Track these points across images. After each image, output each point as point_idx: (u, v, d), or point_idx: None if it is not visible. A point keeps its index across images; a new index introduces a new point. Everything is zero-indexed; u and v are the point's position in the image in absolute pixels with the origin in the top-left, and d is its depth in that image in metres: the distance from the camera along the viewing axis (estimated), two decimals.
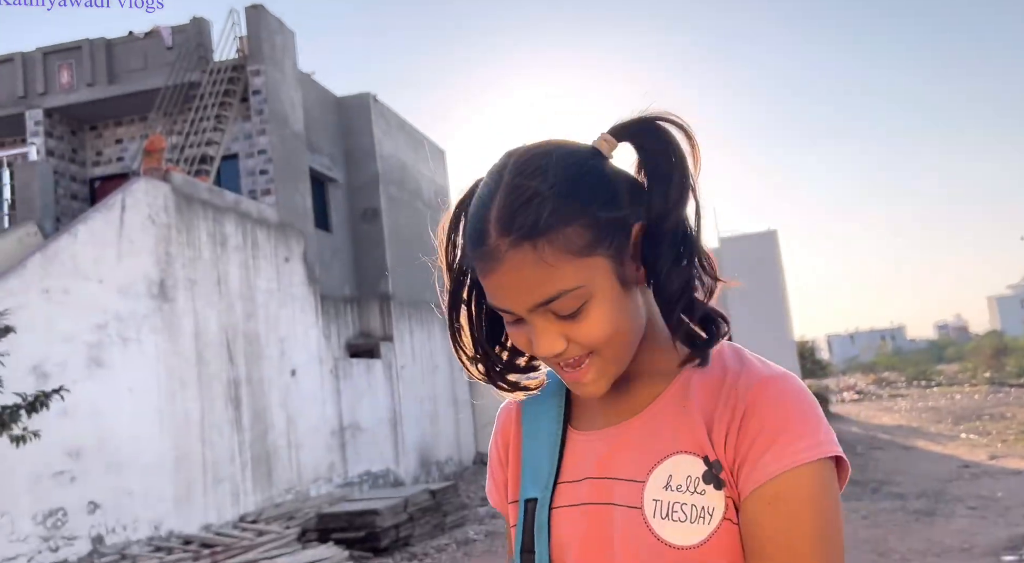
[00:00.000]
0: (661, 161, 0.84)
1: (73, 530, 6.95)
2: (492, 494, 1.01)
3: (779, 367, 0.87)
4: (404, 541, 8.51)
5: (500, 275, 0.80)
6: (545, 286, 0.79)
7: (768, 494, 0.79)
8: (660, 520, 0.82)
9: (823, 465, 0.80)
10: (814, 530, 0.78)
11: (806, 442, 0.80)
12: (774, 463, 0.79)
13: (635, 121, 0.85)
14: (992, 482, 9.04)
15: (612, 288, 0.81)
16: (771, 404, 0.81)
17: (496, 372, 0.94)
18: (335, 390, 11.45)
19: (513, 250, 0.78)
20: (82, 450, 7.16)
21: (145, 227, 8.38)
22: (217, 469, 8.80)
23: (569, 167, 0.81)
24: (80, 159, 12.63)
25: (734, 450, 0.82)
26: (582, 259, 0.79)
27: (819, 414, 0.83)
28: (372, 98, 14.32)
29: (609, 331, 0.81)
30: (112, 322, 7.72)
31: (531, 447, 0.95)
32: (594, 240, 0.80)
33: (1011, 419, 15.89)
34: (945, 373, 36.43)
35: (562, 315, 0.81)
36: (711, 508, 0.81)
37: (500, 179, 0.82)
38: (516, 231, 0.78)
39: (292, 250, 11.03)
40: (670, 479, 0.83)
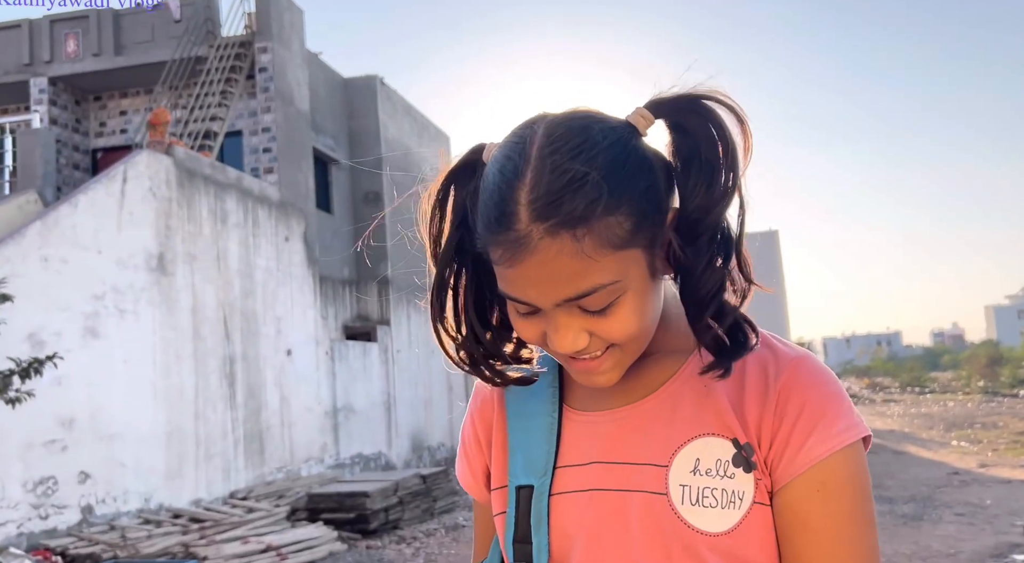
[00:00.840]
0: (705, 147, 0.75)
1: (63, 499, 6.96)
2: (467, 480, 0.94)
3: (800, 347, 0.84)
4: (393, 524, 8.53)
5: (529, 266, 0.71)
6: (580, 280, 0.71)
7: (816, 480, 0.77)
8: (690, 507, 0.78)
9: (859, 445, 0.79)
10: (857, 512, 0.78)
11: (844, 423, 0.78)
12: (819, 446, 0.77)
13: (679, 97, 0.76)
14: (981, 490, 9.07)
15: (644, 282, 0.75)
16: (807, 386, 0.79)
17: (482, 358, 0.85)
18: (330, 371, 11.45)
19: (549, 239, 0.70)
20: (75, 420, 7.16)
21: (146, 200, 8.35)
22: (209, 445, 8.80)
23: (613, 145, 0.72)
24: (83, 129, 12.57)
25: (772, 433, 0.78)
26: (620, 251, 0.72)
27: (846, 394, 0.81)
28: (379, 81, 14.26)
29: (638, 327, 0.76)
30: (109, 293, 7.71)
31: (520, 429, 0.88)
32: (634, 231, 0.72)
33: (1003, 428, 15.94)
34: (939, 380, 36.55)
35: (590, 310, 0.74)
36: (741, 492, 0.78)
37: (527, 154, 0.72)
38: (557, 218, 0.69)
39: (292, 230, 11.00)
40: (698, 463, 0.79)
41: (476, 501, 0.96)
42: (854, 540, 0.77)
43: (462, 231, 0.80)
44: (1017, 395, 25.71)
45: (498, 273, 0.75)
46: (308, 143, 11.96)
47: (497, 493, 0.89)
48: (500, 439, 0.90)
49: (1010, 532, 6.83)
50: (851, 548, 0.77)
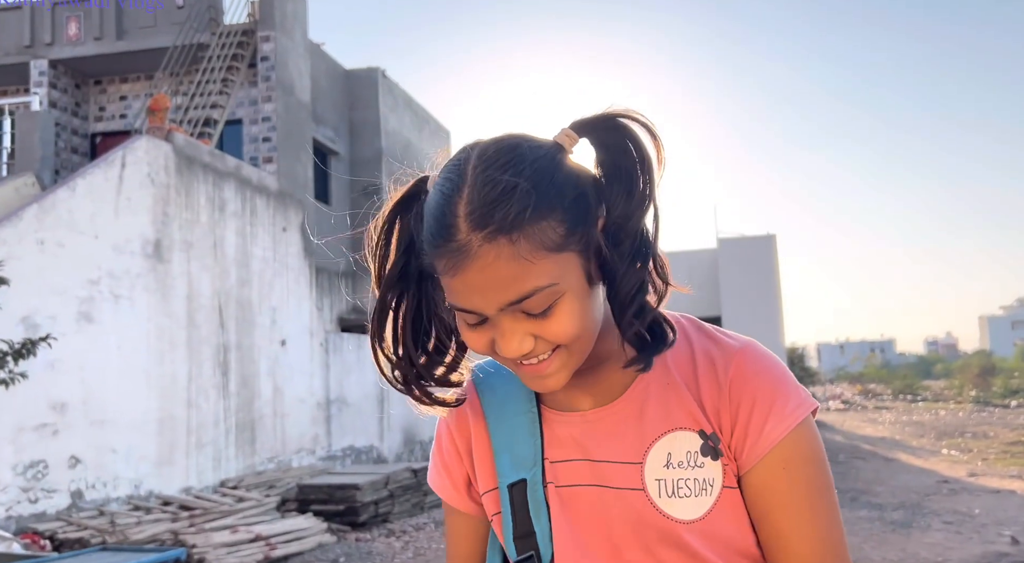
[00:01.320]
0: (623, 160, 0.81)
1: (53, 483, 6.95)
2: (447, 490, 0.97)
3: (743, 337, 0.91)
4: (383, 517, 8.53)
5: (471, 272, 0.76)
6: (519, 283, 0.76)
7: (779, 458, 0.84)
8: (667, 499, 0.85)
9: (809, 418, 0.87)
10: (820, 479, 0.86)
11: (795, 402, 0.86)
12: (776, 429, 0.84)
13: (598, 117, 0.83)
14: (970, 499, 9.10)
15: (581, 285, 0.80)
16: (754, 375, 0.86)
17: (414, 379, 0.90)
18: (324, 363, 11.44)
19: (487, 245, 0.75)
20: (67, 404, 7.14)
21: (144, 186, 8.32)
22: (201, 433, 8.79)
23: (539, 159, 0.79)
24: (82, 113, 12.52)
25: (731, 422, 0.85)
26: (556, 255, 0.77)
27: (789, 373, 0.89)
28: (381, 73, 14.23)
29: (578, 328, 0.80)
30: (105, 278, 7.69)
31: (503, 431, 0.92)
32: (567, 235, 0.77)
33: (993, 438, 16.00)
34: (931, 389, 36.66)
35: (532, 313, 0.78)
36: (711, 479, 0.85)
37: (464, 172, 0.78)
38: (492, 225, 0.75)
39: (290, 220, 10.98)
40: (670, 457, 0.86)
41: (450, 510, 0.99)
42: (822, 508, 0.85)
43: (407, 257, 0.85)
44: (1008, 406, 25.81)
45: (444, 285, 0.80)
46: (308, 134, 11.93)
47: (489, 496, 0.93)
48: (482, 445, 0.94)
49: (997, 542, 6.86)
50: (820, 513, 0.85)
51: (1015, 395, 28.56)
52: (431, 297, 0.88)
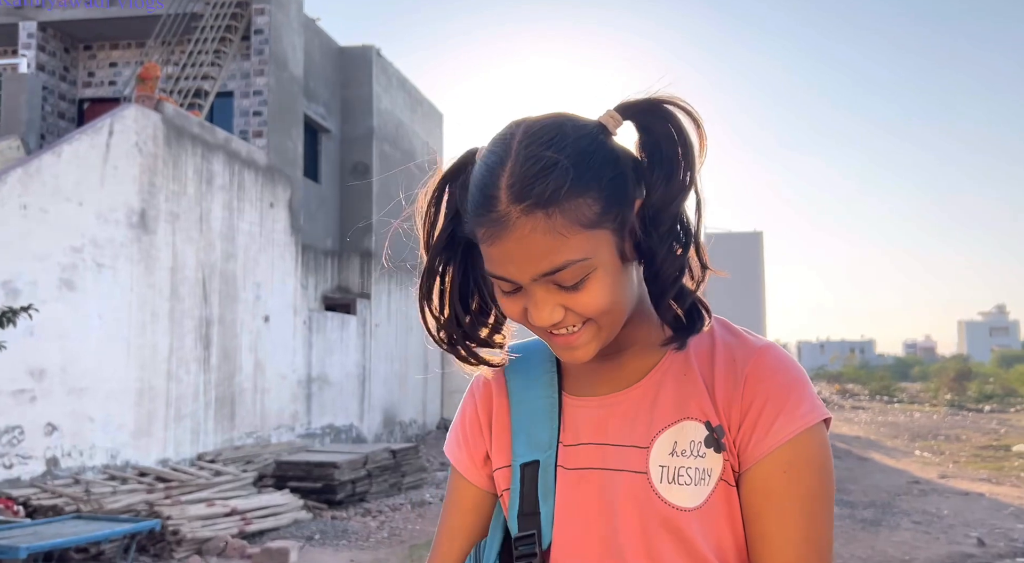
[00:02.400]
0: (666, 146, 0.84)
1: (29, 449, 6.91)
2: (463, 462, 1.00)
3: (763, 337, 0.91)
4: (360, 496, 8.55)
5: (508, 242, 0.80)
6: (553, 256, 0.79)
7: (782, 459, 0.84)
8: (667, 485, 0.86)
9: (821, 425, 0.86)
10: (820, 488, 0.85)
11: (807, 406, 0.86)
12: (784, 429, 0.84)
13: (643, 101, 0.85)
14: (939, 500, 9.24)
15: (613, 261, 0.83)
16: (772, 373, 0.86)
17: (460, 341, 0.94)
18: (306, 341, 11.41)
19: (525, 218, 0.78)
20: (45, 371, 7.09)
21: (131, 155, 8.24)
22: (180, 405, 8.76)
23: (582, 138, 0.82)
24: (71, 78, 12.34)
25: (740, 417, 0.86)
26: (590, 231, 0.80)
27: (808, 379, 0.89)
28: (375, 51, 14.11)
29: (608, 303, 0.83)
30: (88, 246, 7.61)
31: (523, 413, 0.95)
32: (602, 213, 0.80)
33: (965, 441, 16.23)
34: (908, 391, 37.06)
35: (564, 285, 0.81)
36: (710, 469, 0.86)
37: (509, 147, 0.82)
38: (530, 199, 0.78)
39: (278, 196, 10.91)
40: (675, 445, 0.87)
41: (457, 480, 1.00)
42: (816, 516, 0.84)
43: (454, 224, 0.89)
44: (982, 410, 26.16)
45: (484, 253, 0.84)
46: (299, 109, 11.83)
47: (501, 472, 0.95)
48: (502, 422, 0.97)
49: (963, 543, 6.98)
50: (812, 522, 0.84)
51: (989, 400, 28.95)
52: (475, 262, 0.90)
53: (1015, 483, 10.72)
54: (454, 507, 1.00)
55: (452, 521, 1.00)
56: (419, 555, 6.48)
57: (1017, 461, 12.98)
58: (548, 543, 0.90)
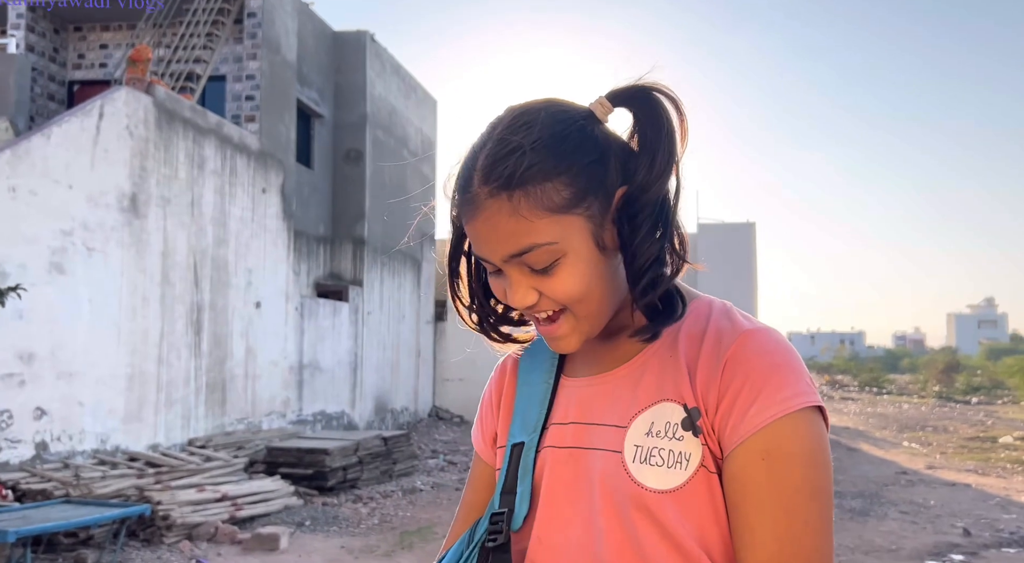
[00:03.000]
0: (649, 131, 0.84)
1: (17, 433, 6.87)
2: (478, 440, 1.04)
3: (760, 322, 0.87)
4: (351, 483, 8.56)
5: (478, 223, 0.82)
6: (519, 238, 0.80)
7: (758, 448, 0.79)
8: (639, 465, 0.84)
9: (810, 414, 0.80)
10: (806, 483, 0.79)
11: (791, 391, 0.80)
12: (761, 414, 0.79)
13: (630, 88, 0.86)
14: (926, 490, 9.32)
15: (587, 248, 0.82)
16: (754, 355, 0.82)
17: (489, 323, 0.96)
18: (298, 327, 11.38)
19: (491, 199, 0.80)
20: (34, 355, 7.05)
21: (122, 138, 8.16)
22: (171, 391, 8.73)
23: (557, 124, 0.82)
24: (61, 59, 12.20)
25: (717, 399, 0.82)
26: (558, 216, 0.80)
27: (801, 365, 0.84)
28: (369, 37, 14.00)
29: (581, 290, 0.82)
30: (78, 230, 7.55)
31: (524, 395, 0.97)
32: (572, 199, 0.80)
33: (952, 433, 16.36)
34: (897, 382, 37.33)
35: (536, 269, 0.82)
36: (687, 454, 0.82)
37: (493, 131, 0.84)
38: (495, 181, 0.80)
39: (270, 181, 10.84)
40: (652, 426, 0.85)
41: (477, 458, 1.04)
42: (800, 512, 0.78)
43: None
44: (969, 402, 26.37)
45: (467, 233, 0.86)
46: (292, 94, 11.75)
47: (500, 451, 0.98)
48: (508, 405, 1.00)
49: (950, 532, 7.04)
50: (796, 520, 0.78)
51: (976, 392, 29.19)
52: None
53: (1001, 474, 10.82)
54: (470, 484, 1.04)
55: (468, 497, 1.03)
56: (409, 541, 6.50)
57: (1003, 453, 13.10)
58: (521, 521, 0.91)
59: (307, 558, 5.93)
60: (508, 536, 0.91)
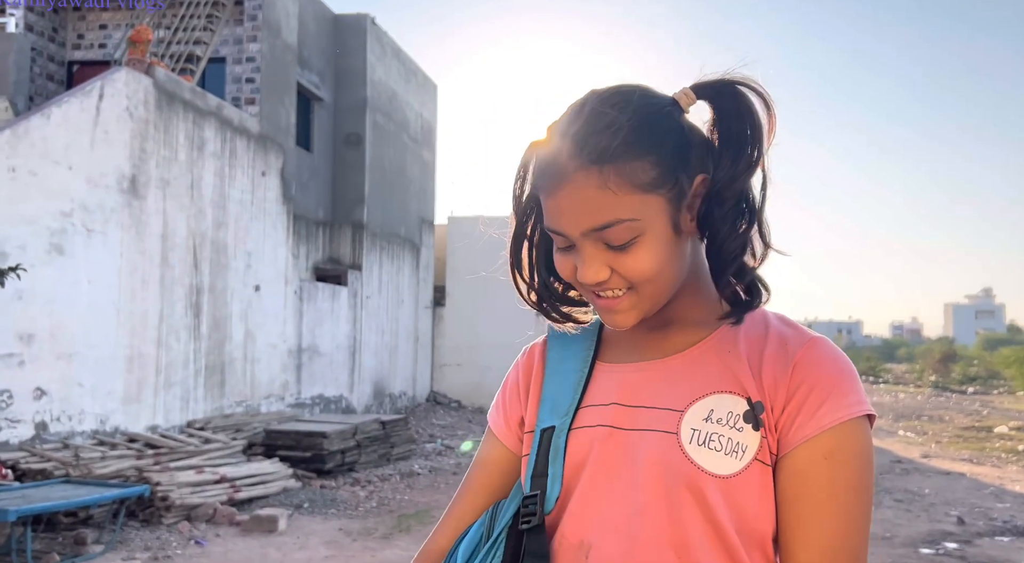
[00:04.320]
0: (735, 125, 0.86)
1: (17, 413, 6.90)
2: (499, 424, 1.03)
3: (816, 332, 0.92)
4: (349, 466, 8.60)
5: (562, 195, 0.83)
6: (603, 212, 0.82)
7: (823, 447, 0.83)
8: (696, 446, 0.85)
9: (866, 421, 0.86)
10: (860, 481, 0.84)
11: (855, 398, 0.85)
12: (830, 415, 0.83)
13: (717, 81, 0.87)
14: (921, 479, 9.38)
15: (665, 230, 0.84)
16: (824, 361, 0.86)
17: (549, 301, 0.97)
18: (297, 311, 11.39)
19: (580, 172, 0.81)
20: (34, 335, 7.06)
21: (122, 119, 8.13)
22: (170, 373, 8.75)
23: (649, 106, 0.84)
24: (60, 39, 12.13)
25: (785, 399, 0.85)
26: (642, 194, 0.82)
27: (858, 377, 0.89)
28: (370, 20, 13.92)
29: (654, 269, 0.84)
30: (78, 211, 7.54)
31: (554, 382, 0.97)
32: (657, 179, 0.82)
33: (948, 422, 16.44)
34: (894, 372, 37.46)
35: (612, 245, 0.84)
36: (745, 445, 0.85)
37: (582, 108, 0.85)
38: (587, 154, 0.81)
39: (270, 164, 10.81)
40: (711, 413, 0.86)
41: (490, 439, 1.03)
42: (852, 510, 0.83)
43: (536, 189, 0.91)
44: (965, 392, 26.48)
45: (543, 208, 0.87)
46: (292, 77, 11.69)
47: (527, 437, 0.98)
48: (536, 390, 1.00)
49: (944, 521, 7.09)
50: (849, 517, 0.83)
51: (973, 382, 29.30)
52: None
53: (995, 464, 10.89)
54: (480, 464, 1.03)
55: (477, 477, 1.02)
56: (407, 524, 6.54)
57: (998, 442, 13.17)
58: (554, 502, 0.91)
59: (305, 540, 5.96)
60: (543, 518, 0.91)
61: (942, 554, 5.98)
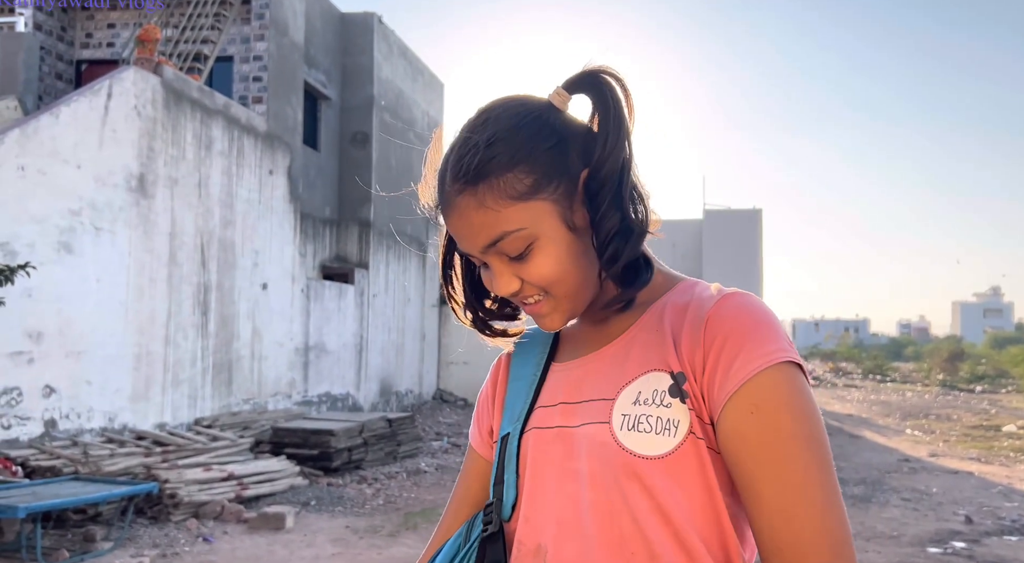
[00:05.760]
0: (601, 111, 0.88)
1: (27, 411, 6.94)
2: (475, 437, 1.06)
3: (745, 291, 0.89)
4: (356, 464, 8.62)
5: (453, 220, 0.87)
6: (488, 228, 0.85)
7: (746, 402, 0.80)
8: (626, 432, 0.84)
9: (791, 368, 0.81)
10: (798, 430, 0.79)
11: (772, 346, 0.81)
12: (745, 367, 0.80)
13: (580, 74, 0.89)
14: (929, 478, 9.35)
15: (558, 231, 0.86)
16: (734, 314, 0.83)
17: (481, 319, 0.99)
18: (304, 309, 11.42)
19: (460, 196, 0.85)
20: (43, 333, 7.10)
21: (130, 118, 8.16)
22: (178, 370, 8.79)
23: (512, 117, 0.86)
24: (68, 39, 12.18)
25: (702, 359, 0.83)
26: (523, 203, 0.84)
27: (780, 325, 0.85)
28: (377, 18, 13.93)
29: (557, 271, 0.86)
30: (86, 209, 7.58)
31: (514, 388, 0.99)
32: (535, 185, 0.84)
33: (956, 421, 16.37)
34: (901, 370, 37.31)
35: (512, 256, 0.86)
36: (676, 421, 0.83)
37: (455, 138, 0.89)
38: (461, 178, 0.85)
39: (277, 163, 10.84)
40: (639, 395, 0.86)
41: (471, 448, 1.06)
42: (797, 458, 0.78)
43: None
44: (973, 391, 26.36)
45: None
46: (300, 76, 11.71)
47: (493, 445, 1.01)
48: (500, 399, 1.03)
49: (951, 520, 7.07)
50: (795, 466, 0.78)
51: (980, 381, 29.16)
52: None
53: (1004, 463, 10.84)
54: (461, 478, 1.06)
55: (458, 491, 1.05)
56: (414, 522, 6.55)
57: (1006, 441, 13.11)
58: (510, 508, 0.93)
59: (312, 537, 5.99)
60: (500, 525, 0.92)
61: (950, 553, 5.96)
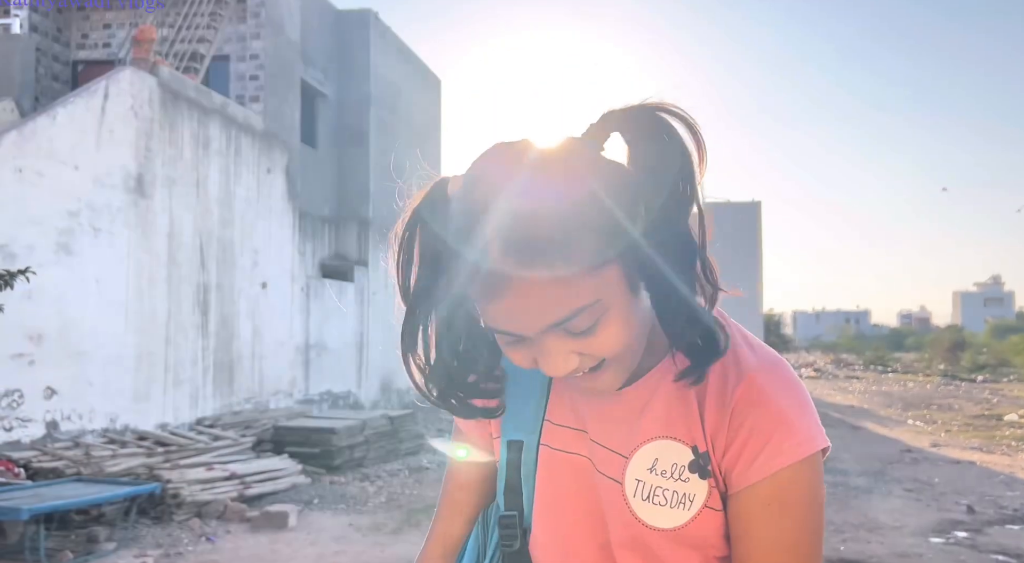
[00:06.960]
0: (659, 158, 0.75)
1: (28, 413, 6.95)
2: (476, 436, 0.99)
3: (770, 353, 0.85)
4: (358, 462, 8.63)
5: (507, 299, 0.72)
6: (560, 306, 0.72)
7: (764, 494, 0.80)
8: (640, 501, 0.83)
9: (812, 459, 0.81)
10: (807, 526, 0.81)
11: (798, 438, 0.80)
12: (768, 463, 0.80)
13: (633, 110, 0.76)
14: (931, 468, 9.35)
15: (624, 296, 0.75)
16: (761, 400, 0.80)
17: (450, 390, 0.86)
18: (304, 307, 11.42)
19: (524, 271, 0.70)
20: (43, 335, 7.10)
21: (127, 119, 8.15)
22: (179, 370, 8.79)
23: (570, 170, 0.73)
24: (64, 39, 12.16)
25: (725, 445, 0.81)
26: (595, 270, 0.72)
27: (808, 404, 0.82)
28: (373, 15, 13.91)
29: (625, 340, 0.77)
30: (85, 210, 7.57)
31: (516, 391, 0.91)
32: (605, 247, 0.72)
33: (957, 411, 16.39)
34: (902, 361, 37.36)
35: (575, 332, 0.74)
36: (692, 495, 0.82)
37: (490, 193, 0.72)
38: (526, 251, 0.70)
39: (275, 162, 10.83)
40: (656, 462, 0.83)
41: (459, 434, 1.01)
42: (800, 552, 0.81)
43: (433, 270, 0.77)
44: (975, 380, 26.38)
45: (480, 309, 0.76)
46: (296, 74, 11.70)
47: (495, 442, 0.96)
48: None
49: (953, 510, 7.08)
50: (796, 553, 0.81)
51: (982, 370, 29.19)
52: (463, 307, 0.80)
53: (1005, 452, 10.85)
54: (453, 477, 1.02)
55: (452, 492, 1.02)
56: (416, 519, 6.56)
57: (1008, 430, 13.12)
58: (530, 522, 0.91)
59: (315, 536, 6.00)
60: (524, 543, 0.91)
61: (952, 543, 5.97)
